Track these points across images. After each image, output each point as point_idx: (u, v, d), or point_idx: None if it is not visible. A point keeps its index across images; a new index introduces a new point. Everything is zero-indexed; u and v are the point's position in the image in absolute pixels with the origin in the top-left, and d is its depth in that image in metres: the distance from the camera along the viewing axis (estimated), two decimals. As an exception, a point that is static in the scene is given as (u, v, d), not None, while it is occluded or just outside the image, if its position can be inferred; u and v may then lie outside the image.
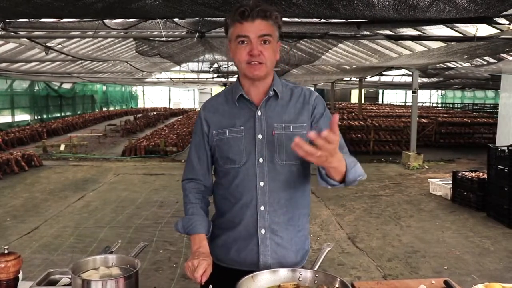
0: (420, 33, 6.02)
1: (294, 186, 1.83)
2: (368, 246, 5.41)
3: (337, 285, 1.62)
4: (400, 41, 7.18)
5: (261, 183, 1.76)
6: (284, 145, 1.75)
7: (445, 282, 1.95)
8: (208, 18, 4.12)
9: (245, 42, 1.66)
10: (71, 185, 8.80)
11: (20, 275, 1.74)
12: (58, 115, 22.89)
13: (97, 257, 1.67)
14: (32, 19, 5.71)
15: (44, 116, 21.55)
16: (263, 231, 1.79)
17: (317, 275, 1.70)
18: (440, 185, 8.00)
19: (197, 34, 4.76)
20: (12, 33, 5.16)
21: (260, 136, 1.76)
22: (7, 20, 4.48)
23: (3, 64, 11.99)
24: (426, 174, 9.93)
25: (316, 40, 7.72)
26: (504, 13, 3.31)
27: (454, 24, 5.57)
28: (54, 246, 5.37)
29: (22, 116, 20.16)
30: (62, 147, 13.14)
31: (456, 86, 21.78)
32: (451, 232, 5.99)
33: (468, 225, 6.30)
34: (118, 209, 6.98)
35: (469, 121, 16.02)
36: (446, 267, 4.79)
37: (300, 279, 1.70)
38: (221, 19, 4.02)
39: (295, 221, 1.86)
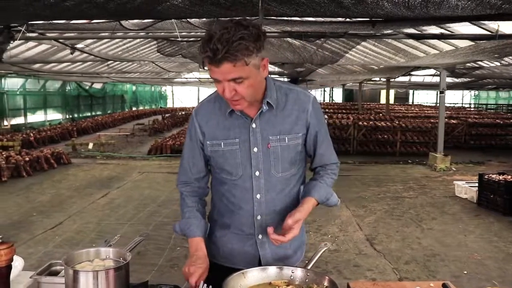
0: (443, 31, 5.88)
1: (290, 193, 1.83)
2: (386, 248, 5.33)
3: (326, 284, 1.61)
4: (424, 40, 7.05)
5: (258, 196, 1.77)
6: (280, 157, 1.75)
7: (443, 285, 1.90)
8: (222, 18, 4.17)
9: (220, 82, 1.56)
10: (96, 183, 9.00)
11: (21, 265, 1.80)
12: (89, 114, 23.44)
13: (90, 249, 1.71)
14: (60, 21, 5.90)
15: (75, 115, 22.12)
16: (260, 236, 1.83)
17: (308, 274, 1.69)
18: (466, 187, 7.80)
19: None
20: (39, 35, 5.31)
21: (255, 149, 1.73)
22: (29, 22, 4.62)
23: (37, 65, 12.39)
24: (453, 176, 9.69)
25: (335, 40, 7.67)
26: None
27: (481, 21, 5.43)
28: (75, 241, 5.51)
29: (54, 115, 20.75)
30: (91, 146, 13.45)
31: (489, 86, 21.20)
32: (474, 236, 5.83)
33: (493, 230, 6.12)
34: (139, 207, 7.10)
35: (502, 122, 15.55)
36: (465, 272, 4.67)
37: (292, 277, 1.70)
38: (234, 18, 4.05)
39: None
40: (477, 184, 7.49)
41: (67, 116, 21.45)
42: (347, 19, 4.44)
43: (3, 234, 5.77)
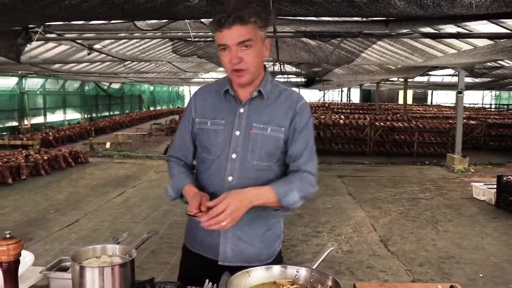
0: (460, 30, 5.80)
1: (261, 184, 1.78)
2: (400, 249, 5.28)
3: (329, 284, 1.60)
4: (441, 39, 6.95)
5: (230, 178, 1.79)
6: (259, 145, 1.79)
7: (451, 287, 1.88)
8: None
9: (226, 50, 1.66)
10: (112, 182, 9.11)
11: (31, 260, 1.84)
12: (107, 114, 23.71)
13: (97, 246, 1.73)
14: (78, 22, 5.98)
15: (94, 115, 22.41)
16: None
17: (313, 273, 1.68)
18: (484, 189, 7.68)
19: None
20: (57, 36, 5.40)
21: (237, 133, 1.79)
22: (46, 24, 4.70)
23: (56, 65, 12.58)
24: (471, 178, 9.54)
25: (350, 40, 7.61)
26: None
27: (500, 19, 5.33)
28: (90, 239, 5.58)
29: (73, 115, 21.05)
30: (108, 145, 13.62)
31: (511, 86, 20.80)
32: (491, 239, 5.73)
33: (511, 232, 6.01)
34: (154, 206, 7.15)
35: (523, 123, 15.25)
36: (481, 275, 4.59)
37: (296, 277, 1.69)
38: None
39: (263, 220, 1.86)
40: (495, 186, 7.37)
41: (86, 116, 21.74)
42: (361, 19, 4.41)
43: (20, 231, 5.90)
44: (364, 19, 4.34)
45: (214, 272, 1.88)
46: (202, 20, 4.32)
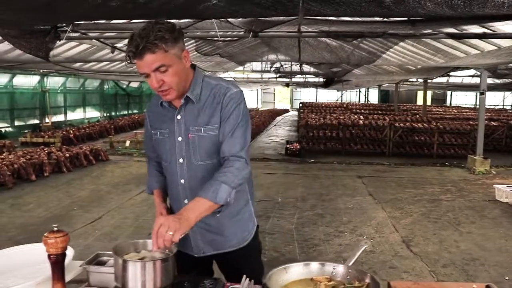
0: (485, 30, 5.74)
1: None
2: (423, 250, 5.25)
3: (367, 281, 1.62)
4: (469, 41, 6.88)
5: (182, 181, 1.96)
6: (198, 147, 1.90)
7: (487, 287, 1.88)
8: (261, 18, 4.22)
9: (148, 76, 1.75)
10: (133, 180, 9.21)
11: (71, 254, 1.89)
12: (125, 112, 23.97)
13: (138, 241, 1.78)
14: (101, 21, 6.07)
15: (113, 113, 22.67)
16: None
17: (350, 270, 1.71)
18: (507, 191, 7.57)
19: (251, 33, 4.87)
20: (81, 34, 5.49)
21: (179, 139, 1.93)
22: (75, 23, 4.79)
23: (77, 64, 12.77)
24: (493, 180, 9.42)
25: (371, 40, 7.58)
26: None
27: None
28: (114, 236, 5.67)
29: (93, 113, 21.34)
30: (128, 143, 13.77)
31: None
32: (515, 241, 5.67)
33: (536, 235, 5.93)
34: (176, 204, 7.20)
35: (546, 125, 14.97)
36: (507, 278, 4.54)
37: (333, 273, 1.72)
38: (274, 18, 4.10)
39: (223, 210, 1.87)
40: (519, 188, 7.28)
41: (105, 114, 22.01)
42: (387, 19, 4.40)
43: (46, 227, 6.01)
44: (390, 19, 4.34)
45: (202, 266, 2.10)
46: (229, 19, 4.36)
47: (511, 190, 7.47)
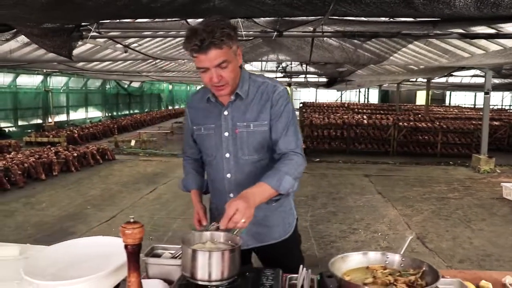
0: (496, 31, 5.83)
1: (258, 175, 1.93)
2: (438, 246, 5.34)
3: (424, 268, 1.70)
4: (474, 40, 6.97)
5: (228, 175, 2.02)
6: (246, 142, 1.96)
7: (532, 275, 1.96)
8: (286, 18, 4.29)
9: (206, 71, 1.80)
10: (142, 179, 9.27)
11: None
12: (127, 112, 24.01)
13: (204, 232, 1.84)
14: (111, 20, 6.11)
15: (114, 113, 22.70)
16: None
17: (403, 259, 1.79)
18: (514, 189, 7.69)
19: (275, 33, 4.95)
20: (98, 34, 5.55)
21: (226, 134, 1.99)
22: (100, 21, 4.85)
23: (80, 64, 12.79)
24: (498, 179, 9.53)
25: (384, 41, 7.67)
26: None
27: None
28: (132, 233, 5.71)
29: (95, 113, 21.37)
30: (133, 143, 13.82)
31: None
32: (527, 238, 5.77)
33: (546, 232, 6.04)
34: (189, 203, 7.18)
35: (548, 124, 15.11)
36: (522, 272, 4.63)
37: (387, 262, 1.80)
38: (298, 18, 4.17)
39: (265, 203, 1.92)
40: (526, 187, 7.38)
41: (107, 114, 22.04)
42: (406, 19, 4.48)
43: (61, 225, 6.06)
44: (411, 19, 4.43)
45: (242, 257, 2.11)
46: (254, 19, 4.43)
47: (518, 188, 7.58)
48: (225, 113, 1.98)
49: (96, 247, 2.03)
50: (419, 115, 16.29)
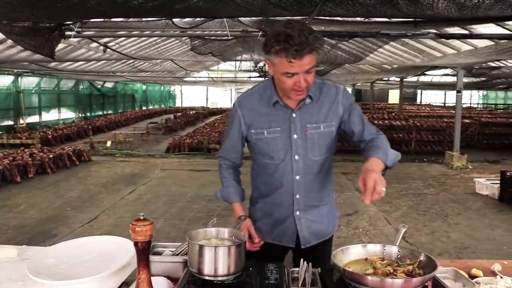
0: (469, 31, 6.03)
1: (323, 174, 2.05)
2: (417, 241, 5.50)
3: (421, 258, 1.77)
4: (447, 41, 7.18)
5: (297, 177, 2.01)
6: (317, 143, 1.99)
7: (519, 263, 2.07)
8: (272, 18, 4.35)
9: (292, 76, 1.78)
10: (121, 179, 9.18)
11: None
12: (101, 113, 23.64)
13: (210, 228, 1.88)
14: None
15: (88, 114, 22.33)
16: (297, 212, 2.09)
17: (399, 250, 1.86)
18: (487, 184, 7.95)
19: (260, 32, 5.00)
20: (76, 33, 5.49)
21: (295, 136, 1.97)
22: (83, 21, 4.79)
23: (53, 64, 12.54)
24: (471, 174, 9.83)
25: (361, 41, 7.81)
26: None
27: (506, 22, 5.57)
28: (116, 235, 5.63)
29: (68, 114, 20.96)
30: (109, 144, 13.66)
31: (500, 86, 21.28)
32: (501, 230, 5.99)
33: (518, 224, 6.28)
34: (170, 202, 7.27)
35: (515, 121, 15.66)
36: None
37: (384, 254, 1.87)
38: (284, 18, 4.21)
39: (324, 200, 2.11)
40: (497, 181, 7.64)
41: (80, 115, 21.65)
42: (388, 19, 4.60)
43: (42, 228, 5.97)
44: (393, 20, 4.54)
45: (278, 254, 2.15)
46: (240, 18, 4.46)
47: (491, 183, 7.84)
48: (294, 115, 1.97)
49: (100, 246, 2.05)
50: (393, 114, 16.62)
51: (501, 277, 1.90)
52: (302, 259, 1.87)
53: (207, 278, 1.69)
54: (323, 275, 1.81)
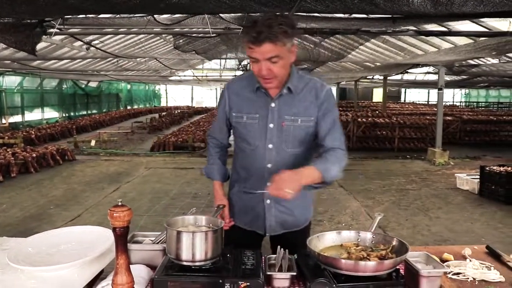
0: (447, 29, 6.14)
1: (297, 167, 2.00)
2: (398, 234, 5.58)
3: (394, 243, 1.84)
4: (427, 38, 7.30)
5: (269, 165, 2.06)
6: (292, 135, 2.03)
7: (487, 247, 2.16)
8: (253, 14, 4.38)
9: (256, 61, 1.86)
10: (105, 178, 9.15)
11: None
12: (85, 112, 23.45)
13: (187, 216, 1.92)
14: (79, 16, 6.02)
15: (72, 113, 22.13)
16: (268, 201, 2.13)
17: (373, 236, 1.92)
18: (467, 179, 8.10)
19: (242, 29, 5.03)
20: (58, 30, 5.46)
21: (271, 125, 2.02)
22: (64, 17, 4.78)
23: (36, 62, 12.42)
24: (452, 170, 9.99)
25: (342, 39, 7.90)
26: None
27: (481, 19, 5.69)
28: (99, 231, 5.66)
29: (51, 114, 20.74)
30: (93, 143, 13.57)
31: (481, 85, 21.63)
32: (480, 224, 6.12)
33: (497, 217, 6.41)
34: (154, 200, 7.27)
35: (495, 118, 15.94)
36: (476, 255, 4.92)
37: (359, 240, 1.93)
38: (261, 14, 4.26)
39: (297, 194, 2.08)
40: (477, 176, 7.80)
41: (64, 115, 21.45)
42: (368, 16, 4.68)
43: (26, 226, 5.93)
44: (372, 16, 4.62)
45: (254, 241, 2.24)
46: (221, 15, 4.49)
47: (471, 178, 7.99)
48: (272, 105, 2.01)
49: (79, 235, 2.07)
50: (377, 112, 16.80)
51: (470, 261, 1.97)
52: (279, 246, 1.93)
53: (185, 263, 1.73)
54: (299, 261, 1.87)
